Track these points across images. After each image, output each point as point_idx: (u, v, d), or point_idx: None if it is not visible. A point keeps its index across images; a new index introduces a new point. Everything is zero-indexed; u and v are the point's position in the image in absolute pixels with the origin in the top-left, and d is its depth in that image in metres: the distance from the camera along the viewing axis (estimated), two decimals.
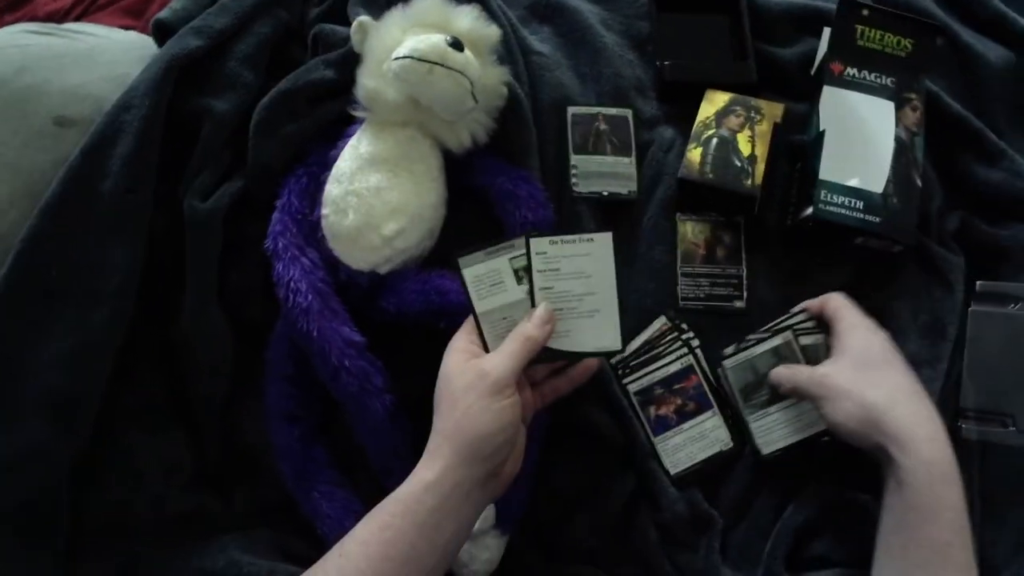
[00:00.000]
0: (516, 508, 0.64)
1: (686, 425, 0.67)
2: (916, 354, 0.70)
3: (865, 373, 0.58)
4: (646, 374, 0.68)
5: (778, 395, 0.65)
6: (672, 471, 0.66)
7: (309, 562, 0.51)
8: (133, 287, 0.65)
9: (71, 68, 0.74)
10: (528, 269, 0.57)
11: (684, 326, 0.69)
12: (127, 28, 0.88)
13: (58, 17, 0.96)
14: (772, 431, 0.65)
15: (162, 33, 0.76)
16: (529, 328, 0.55)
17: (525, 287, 0.57)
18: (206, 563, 0.63)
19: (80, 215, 0.65)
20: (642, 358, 0.69)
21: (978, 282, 0.73)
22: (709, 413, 0.67)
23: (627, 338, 0.59)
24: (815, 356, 0.65)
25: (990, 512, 0.68)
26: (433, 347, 0.57)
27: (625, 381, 0.68)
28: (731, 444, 0.66)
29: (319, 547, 0.60)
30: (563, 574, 0.66)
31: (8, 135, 0.70)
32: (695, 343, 0.68)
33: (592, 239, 0.56)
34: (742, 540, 0.65)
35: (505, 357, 0.53)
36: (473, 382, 0.52)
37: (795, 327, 0.66)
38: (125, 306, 0.65)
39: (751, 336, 0.68)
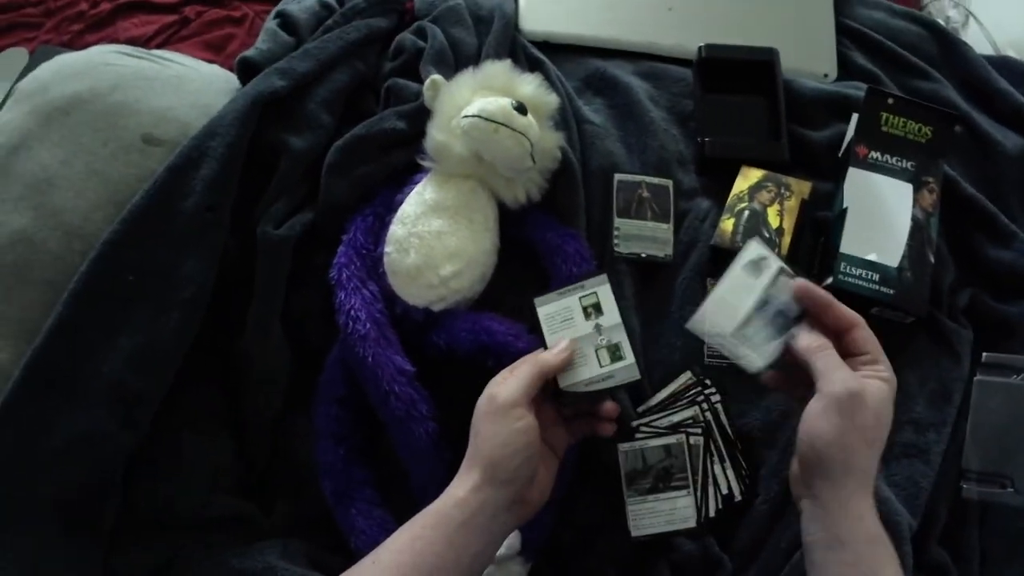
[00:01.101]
0: (541, 536, 0.69)
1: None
2: (922, 418, 0.75)
3: (876, 429, 0.56)
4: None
5: (657, 487, 0.71)
6: (633, 532, 0.70)
7: None
8: (204, 299, 0.71)
9: (160, 92, 0.81)
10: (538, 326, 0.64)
11: (708, 381, 0.75)
12: (208, 62, 0.95)
13: (140, 43, 1.02)
14: (645, 517, 0.71)
15: (246, 70, 0.84)
16: (545, 353, 0.61)
17: (593, 321, 0.63)
18: (245, 564, 0.66)
19: (161, 227, 0.71)
20: (666, 411, 0.74)
21: (984, 353, 0.78)
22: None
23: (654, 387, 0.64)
24: (697, 454, 0.72)
25: (988, 570, 0.73)
26: (477, 382, 0.62)
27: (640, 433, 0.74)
28: (695, 524, 0.71)
29: (350, 564, 0.64)
30: None
31: (98, 145, 0.75)
32: (716, 398, 0.74)
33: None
34: None
35: (513, 379, 0.58)
36: (484, 407, 0.57)
37: (688, 429, 0.72)
38: (194, 315, 0.70)
39: (645, 428, 0.73)
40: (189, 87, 0.84)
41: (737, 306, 0.61)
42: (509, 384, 0.58)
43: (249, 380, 0.74)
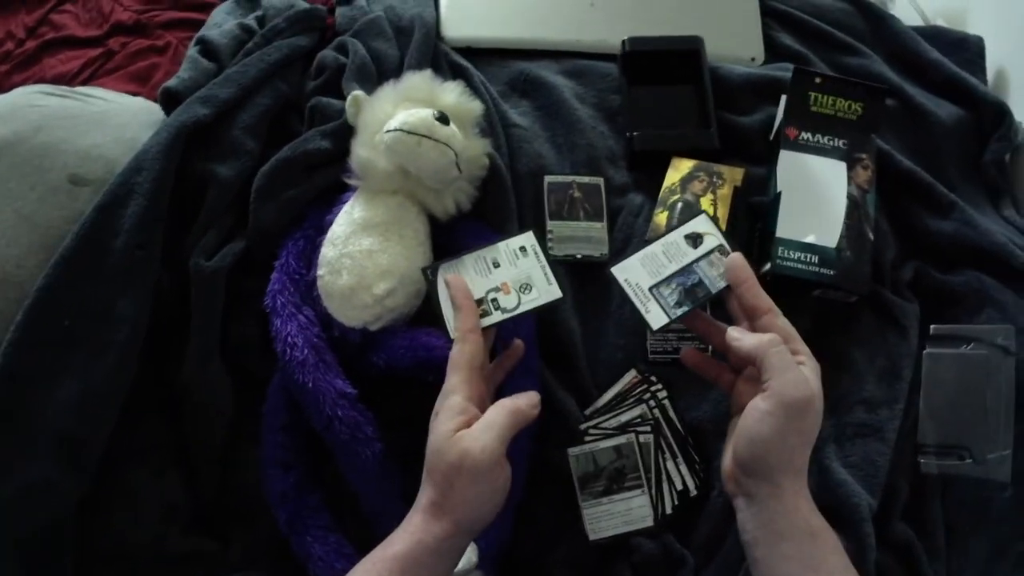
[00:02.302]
0: (498, 547, 0.70)
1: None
2: (873, 396, 0.76)
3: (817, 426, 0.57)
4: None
5: (611, 489, 0.72)
6: (591, 536, 0.71)
7: None
8: (140, 336, 0.71)
9: (85, 130, 0.80)
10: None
11: (653, 378, 0.76)
12: (133, 93, 0.94)
13: (65, 80, 1.03)
14: (601, 520, 0.71)
15: (169, 100, 0.84)
16: (521, 402, 0.58)
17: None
18: None
19: (93, 268, 0.70)
20: (613, 412, 0.75)
21: (932, 326, 0.80)
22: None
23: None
24: (648, 452, 0.73)
25: (953, 542, 0.74)
26: (420, 399, 0.62)
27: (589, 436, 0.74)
28: (652, 523, 0.71)
29: None
30: None
31: (26, 190, 0.75)
32: (662, 395, 0.75)
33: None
34: None
35: (488, 433, 0.55)
36: (463, 463, 0.53)
37: (636, 428, 0.73)
38: (132, 354, 0.70)
39: (594, 430, 0.74)
40: (113, 122, 0.84)
41: (664, 265, 0.63)
42: (484, 439, 0.54)
43: (193, 413, 0.74)
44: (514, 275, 0.64)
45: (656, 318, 0.61)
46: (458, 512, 0.54)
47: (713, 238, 0.64)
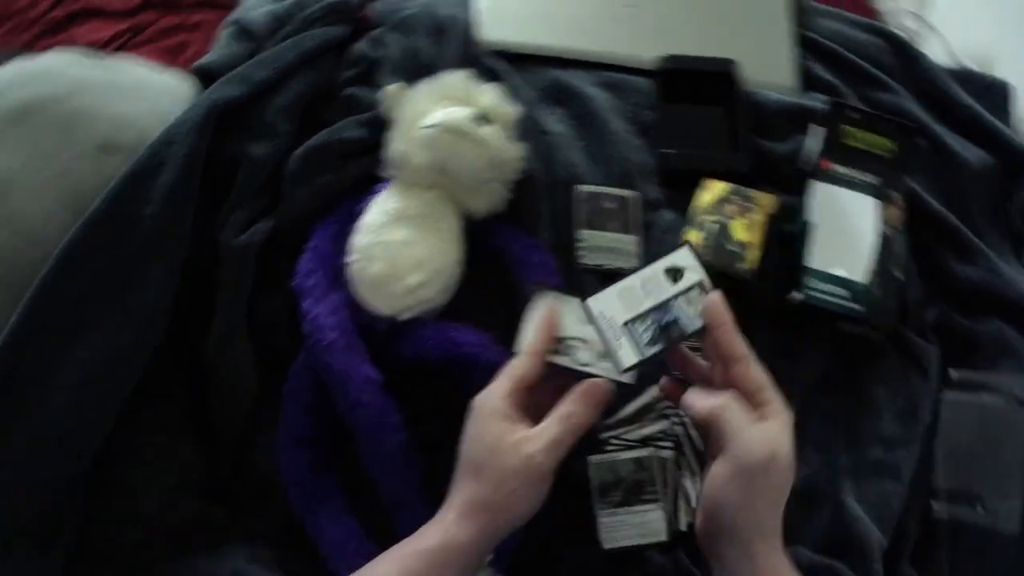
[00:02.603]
0: (511, 547, 0.69)
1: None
2: (891, 435, 0.77)
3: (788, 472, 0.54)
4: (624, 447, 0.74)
5: (628, 500, 0.71)
6: (604, 544, 0.71)
7: None
8: (166, 307, 0.70)
9: (118, 98, 0.80)
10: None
11: None
12: (165, 66, 0.94)
13: (95, 49, 1.02)
14: (617, 530, 0.71)
15: (203, 78, 0.85)
16: (578, 413, 0.57)
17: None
18: (214, 568, 0.66)
19: (121, 233, 0.70)
20: (635, 424, 0.75)
21: (952, 371, 0.80)
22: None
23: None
24: (668, 468, 0.73)
25: None
26: (446, 392, 0.63)
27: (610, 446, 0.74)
28: (665, 538, 0.71)
29: (320, 572, 0.67)
30: None
31: (56, 150, 0.75)
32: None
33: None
34: None
35: (554, 448, 0.55)
36: (521, 469, 0.54)
37: (658, 443, 0.74)
38: (156, 324, 0.70)
39: (616, 440, 0.74)
40: (147, 93, 0.84)
41: (641, 299, 0.61)
42: (549, 449, 0.55)
43: (215, 388, 0.74)
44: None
45: (626, 356, 0.59)
46: (503, 515, 0.54)
47: (694, 273, 0.61)
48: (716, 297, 0.59)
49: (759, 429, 0.53)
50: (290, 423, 0.72)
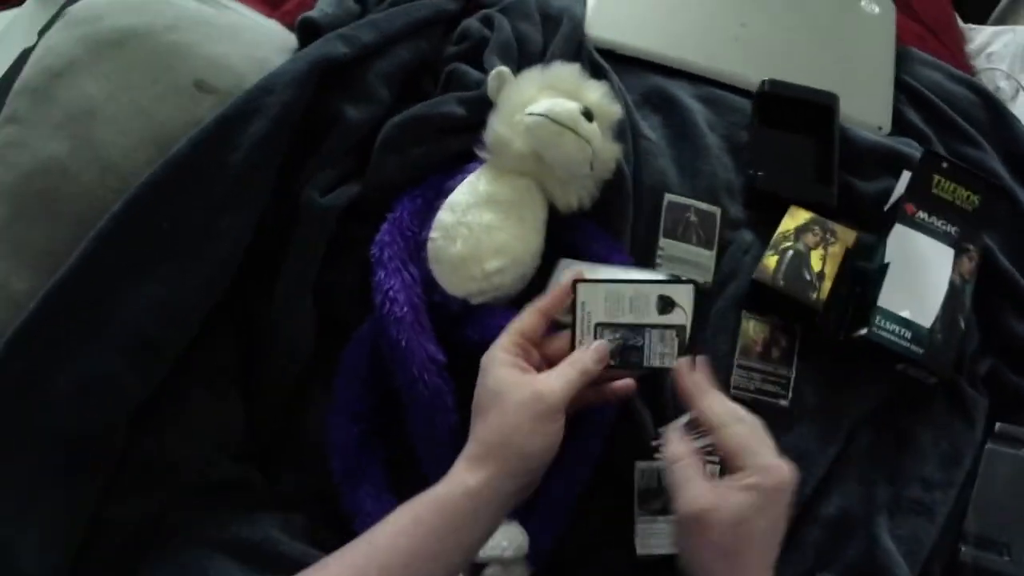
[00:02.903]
0: (548, 543, 0.70)
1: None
2: (932, 476, 0.78)
3: (743, 541, 0.53)
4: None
5: (668, 509, 0.70)
6: (639, 550, 0.71)
7: None
8: (237, 258, 0.70)
9: (217, 38, 0.79)
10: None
11: None
12: (264, 15, 0.94)
13: None
14: (653, 537, 0.71)
15: (307, 31, 0.84)
16: (588, 361, 0.59)
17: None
18: (244, 532, 0.66)
19: (204, 178, 0.69)
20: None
21: (998, 424, 0.81)
22: None
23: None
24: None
25: None
26: None
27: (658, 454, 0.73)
28: None
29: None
30: None
31: (148, 83, 0.74)
32: None
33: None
34: None
35: (563, 384, 0.56)
36: (528, 402, 0.55)
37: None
38: (225, 273, 0.69)
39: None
40: (246, 37, 0.84)
41: (623, 311, 0.62)
42: (558, 388, 0.56)
43: (271, 347, 0.74)
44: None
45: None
46: (511, 454, 0.54)
47: (681, 315, 0.61)
48: (682, 367, 0.60)
49: (701, 487, 0.54)
50: (343, 392, 0.72)
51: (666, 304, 0.62)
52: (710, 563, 0.53)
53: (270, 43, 0.85)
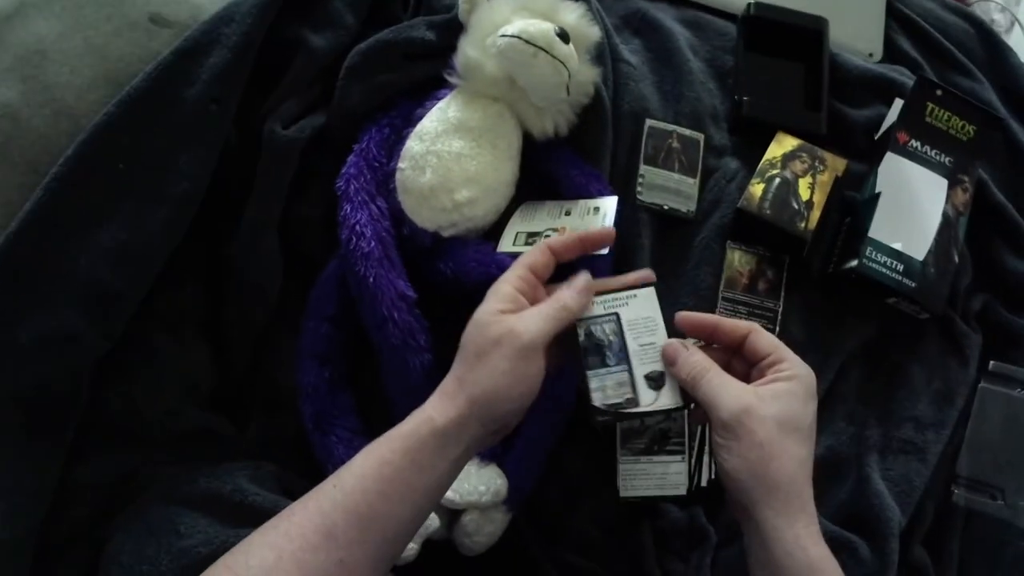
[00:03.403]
0: (527, 487, 0.67)
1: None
2: (924, 416, 0.76)
3: (788, 436, 0.52)
4: None
5: (652, 449, 0.68)
6: (622, 492, 0.68)
7: None
8: (197, 196, 0.66)
9: None
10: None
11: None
12: None
13: None
14: (636, 478, 0.68)
15: None
16: (567, 298, 0.55)
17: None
18: (213, 485, 0.63)
19: (160, 114, 0.66)
20: None
21: (992, 362, 0.79)
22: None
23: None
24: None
25: None
26: None
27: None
28: (685, 492, 0.68)
29: None
30: (560, 561, 0.68)
31: (101, 20, 0.70)
32: None
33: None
34: (733, 560, 0.69)
35: (540, 320, 0.53)
36: (503, 338, 0.51)
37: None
38: (185, 213, 0.66)
39: None
40: None
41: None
42: (534, 324, 0.52)
43: (235, 287, 0.70)
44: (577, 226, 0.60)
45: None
46: (477, 390, 0.51)
47: (669, 398, 0.57)
48: (683, 313, 0.58)
49: (738, 387, 0.52)
50: (311, 335, 0.68)
51: (657, 379, 0.58)
52: (762, 465, 0.50)
53: None
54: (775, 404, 0.51)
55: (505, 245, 0.69)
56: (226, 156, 0.69)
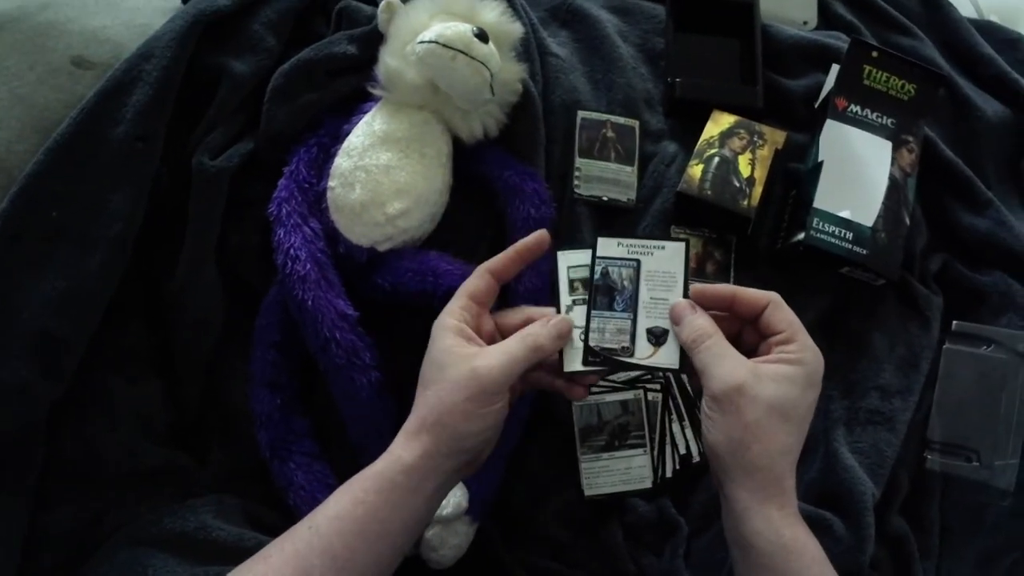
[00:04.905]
0: (489, 494, 0.65)
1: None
2: (889, 384, 0.73)
3: (777, 423, 0.49)
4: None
5: (612, 445, 0.66)
6: (586, 491, 0.66)
7: (276, 531, 0.50)
8: (132, 235, 0.65)
9: (94, 11, 0.74)
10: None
11: None
12: None
13: None
14: (599, 476, 0.67)
15: None
16: (543, 338, 0.52)
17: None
18: (177, 524, 0.62)
19: (88, 157, 0.64)
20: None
21: (954, 322, 0.77)
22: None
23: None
24: (655, 412, 0.68)
25: (947, 543, 0.71)
26: (424, 328, 0.56)
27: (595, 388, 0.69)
28: (650, 485, 0.67)
29: (288, 518, 0.61)
30: (528, 566, 0.66)
31: (24, 69, 0.68)
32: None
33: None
34: (705, 548, 0.67)
35: (505, 361, 0.50)
36: (464, 381, 0.49)
37: (646, 385, 0.68)
38: (122, 253, 0.64)
39: (603, 382, 0.69)
40: (125, 5, 0.77)
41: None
42: (498, 366, 0.50)
43: (180, 320, 0.68)
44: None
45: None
46: (445, 432, 0.49)
47: (665, 357, 0.54)
48: (698, 286, 0.54)
49: (736, 360, 0.49)
50: (260, 363, 0.67)
51: (658, 335, 0.55)
52: (745, 443, 0.48)
53: (151, 7, 0.78)
54: (771, 386, 0.48)
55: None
56: (158, 192, 0.67)
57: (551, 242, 0.56)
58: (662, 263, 0.55)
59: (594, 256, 0.55)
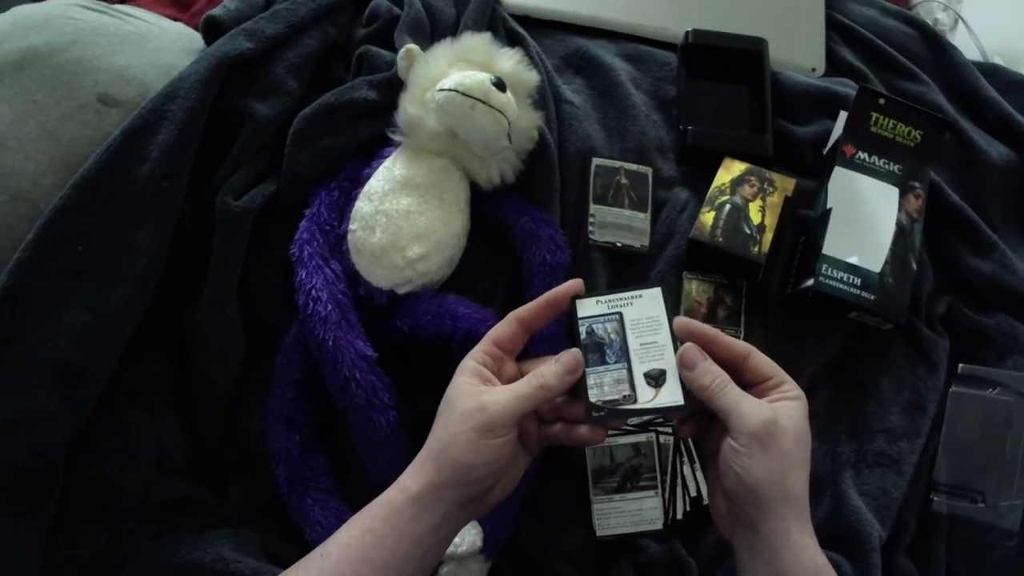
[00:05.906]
0: (504, 534, 0.65)
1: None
2: (896, 427, 0.73)
3: (802, 450, 0.52)
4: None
5: (625, 487, 0.67)
6: (598, 532, 0.67)
7: None
8: (156, 272, 0.66)
9: (120, 49, 0.75)
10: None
11: None
12: (172, 19, 0.89)
13: None
14: (611, 517, 0.67)
15: (212, 30, 0.78)
16: (550, 376, 0.53)
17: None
18: (194, 555, 0.62)
19: (114, 194, 0.65)
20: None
21: (960, 365, 0.77)
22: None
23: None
24: (666, 455, 0.69)
25: None
26: (441, 369, 0.57)
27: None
28: (661, 527, 0.67)
29: (305, 553, 0.59)
30: None
31: (52, 104, 0.70)
32: None
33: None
34: None
35: (512, 398, 0.52)
36: (470, 412, 0.51)
37: (658, 429, 0.69)
38: (146, 289, 0.65)
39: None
40: (150, 45, 0.78)
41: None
42: (504, 401, 0.51)
43: (201, 357, 0.69)
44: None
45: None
46: (450, 461, 0.51)
47: (669, 397, 0.54)
48: (683, 320, 0.56)
49: (756, 401, 0.52)
50: (279, 399, 0.67)
51: (657, 377, 0.56)
52: (783, 473, 0.50)
53: (176, 48, 0.79)
54: (790, 419, 0.51)
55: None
56: (182, 230, 0.68)
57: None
58: (643, 310, 0.57)
59: (576, 318, 0.56)
